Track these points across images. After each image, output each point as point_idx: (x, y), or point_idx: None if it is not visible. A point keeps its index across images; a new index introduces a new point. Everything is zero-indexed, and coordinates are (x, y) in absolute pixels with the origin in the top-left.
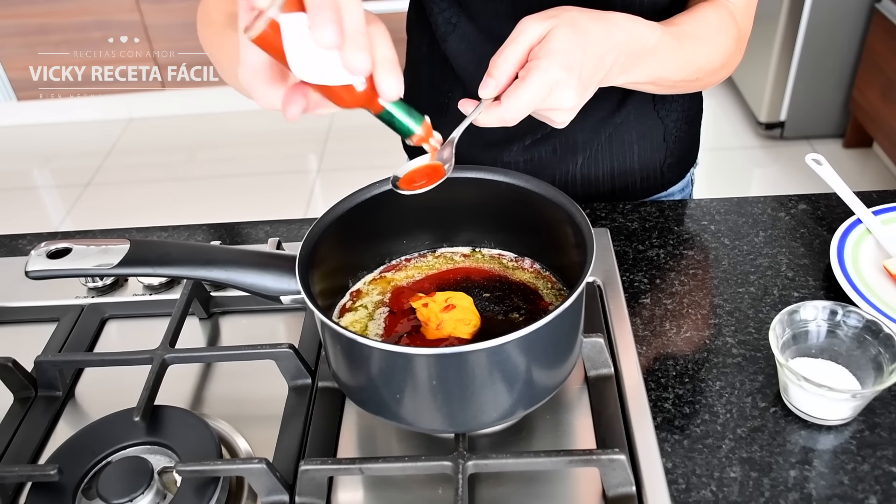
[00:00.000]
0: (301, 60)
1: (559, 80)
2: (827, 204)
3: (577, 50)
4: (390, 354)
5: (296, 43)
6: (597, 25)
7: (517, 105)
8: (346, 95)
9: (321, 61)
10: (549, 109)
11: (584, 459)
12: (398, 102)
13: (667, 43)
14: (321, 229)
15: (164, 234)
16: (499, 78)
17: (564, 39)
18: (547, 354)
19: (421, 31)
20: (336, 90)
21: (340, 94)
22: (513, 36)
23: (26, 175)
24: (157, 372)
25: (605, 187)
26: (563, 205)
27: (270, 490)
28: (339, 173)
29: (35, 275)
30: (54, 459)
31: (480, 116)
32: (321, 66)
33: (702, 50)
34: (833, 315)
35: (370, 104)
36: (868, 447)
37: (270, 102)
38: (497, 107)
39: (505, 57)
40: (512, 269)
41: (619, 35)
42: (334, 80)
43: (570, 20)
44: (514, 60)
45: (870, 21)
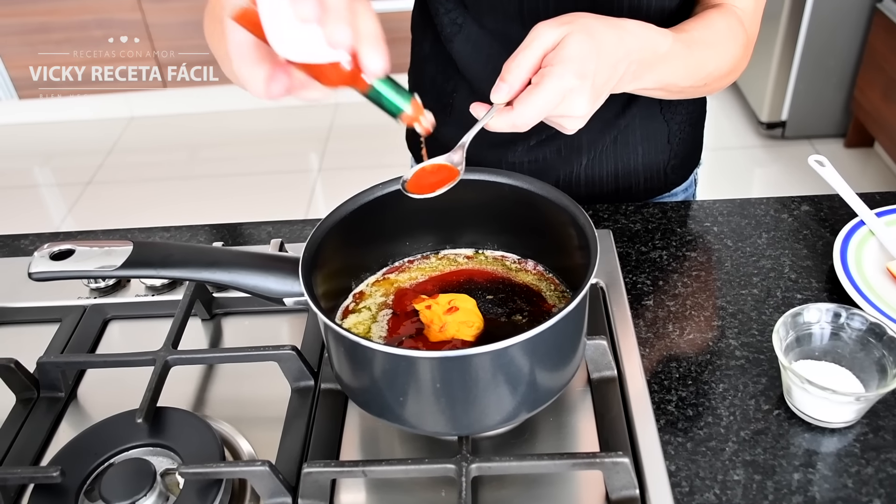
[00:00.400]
0: (282, 37)
1: (572, 88)
2: (830, 205)
3: (591, 58)
4: (394, 357)
5: (277, 19)
6: (610, 33)
7: (529, 111)
8: (330, 74)
9: (303, 37)
10: (561, 116)
11: (587, 462)
12: (385, 80)
13: (677, 50)
14: (324, 231)
15: (167, 234)
16: (512, 83)
17: (579, 47)
18: (551, 357)
19: (425, 30)
20: (320, 68)
21: (325, 72)
22: (527, 41)
23: (27, 174)
24: (159, 373)
25: (608, 188)
26: (566, 207)
27: (273, 492)
28: (340, 172)
29: (38, 276)
30: (57, 461)
31: (492, 121)
32: (303, 43)
33: (711, 56)
34: (837, 317)
35: (356, 82)
36: (872, 450)
37: (258, 85)
38: (509, 112)
39: (518, 62)
40: (515, 271)
41: (632, 43)
42: (317, 58)
43: (584, 27)
44: (528, 66)
45: (871, 21)
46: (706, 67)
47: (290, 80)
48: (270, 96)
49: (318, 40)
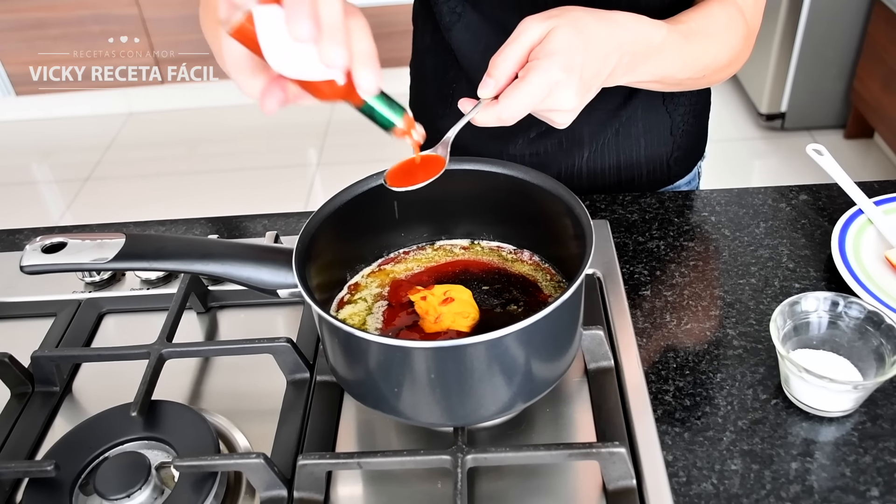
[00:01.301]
0: (278, 54)
1: (558, 81)
2: (828, 194)
3: (578, 51)
4: (388, 348)
5: (272, 36)
6: (600, 25)
7: (514, 105)
8: (325, 89)
9: (298, 55)
10: (548, 110)
11: (584, 453)
12: (379, 95)
13: (673, 41)
14: (318, 222)
15: (162, 227)
16: (498, 78)
17: (565, 40)
18: (546, 347)
19: (426, 21)
20: (315, 83)
21: (319, 87)
22: (513, 36)
23: (25, 170)
24: (154, 367)
25: (610, 180)
26: (561, 196)
27: (269, 485)
28: (338, 167)
29: (30, 269)
30: (51, 455)
31: (478, 115)
32: (298, 60)
33: (709, 48)
34: (834, 306)
35: (350, 97)
36: (870, 439)
37: (253, 94)
38: (495, 105)
39: (505, 56)
40: (511, 262)
41: (623, 35)
42: (311, 75)
43: (572, 20)
44: (514, 60)
45: (871, 11)
46: (704, 59)
47: (284, 94)
48: (266, 112)
49: (314, 58)
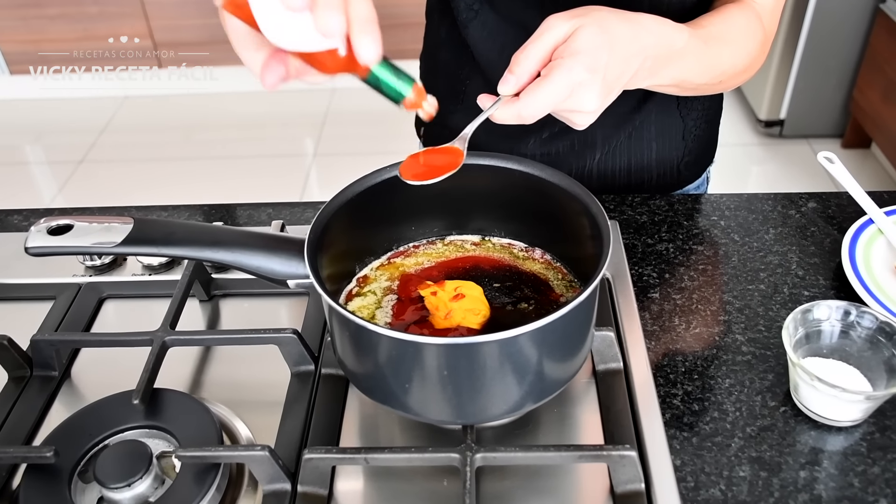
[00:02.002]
0: (273, 26)
1: (582, 82)
2: (837, 203)
3: (602, 51)
4: (401, 343)
5: (265, 7)
6: (625, 27)
7: (535, 103)
8: (326, 61)
9: (294, 25)
10: (569, 111)
11: (593, 455)
12: (384, 64)
13: (693, 46)
14: (330, 213)
15: (164, 213)
16: (519, 75)
17: (591, 40)
18: (560, 347)
19: (441, 15)
20: (316, 55)
21: (321, 59)
22: (537, 33)
23: (18, 151)
24: (157, 354)
25: (620, 182)
26: (578, 196)
27: (272, 478)
28: (335, 158)
29: (35, 251)
30: (50, 441)
31: (497, 112)
32: (294, 31)
33: (727, 53)
34: (846, 315)
35: (354, 68)
36: (879, 449)
37: (255, 69)
38: (515, 103)
39: (527, 54)
40: (522, 259)
41: (647, 38)
42: (309, 46)
43: (597, 20)
44: (537, 58)
45: (873, 21)
46: (722, 64)
47: (285, 68)
48: (267, 88)
49: (310, 28)
